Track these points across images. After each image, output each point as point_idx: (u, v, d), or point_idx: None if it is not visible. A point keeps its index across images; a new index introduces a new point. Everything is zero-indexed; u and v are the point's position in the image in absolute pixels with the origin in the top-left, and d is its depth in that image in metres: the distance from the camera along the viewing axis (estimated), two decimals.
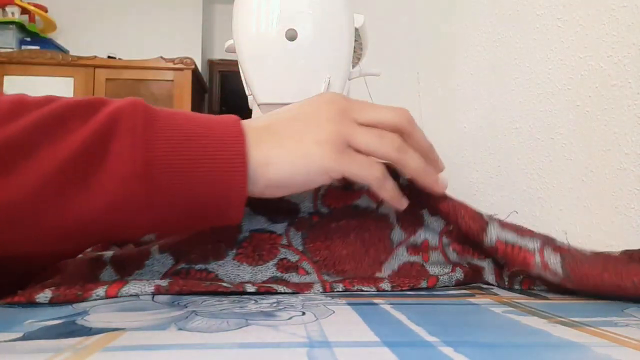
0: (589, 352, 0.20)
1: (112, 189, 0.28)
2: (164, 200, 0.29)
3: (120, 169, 0.28)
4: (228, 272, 0.36)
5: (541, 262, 0.32)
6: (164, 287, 0.31)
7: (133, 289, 0.31)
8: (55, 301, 0.29)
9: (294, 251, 0.37)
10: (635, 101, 0.46)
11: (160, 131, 0.30)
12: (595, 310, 0.29)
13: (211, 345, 0.20)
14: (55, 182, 0.27)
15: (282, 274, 0.36)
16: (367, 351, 0.19)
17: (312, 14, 0.44)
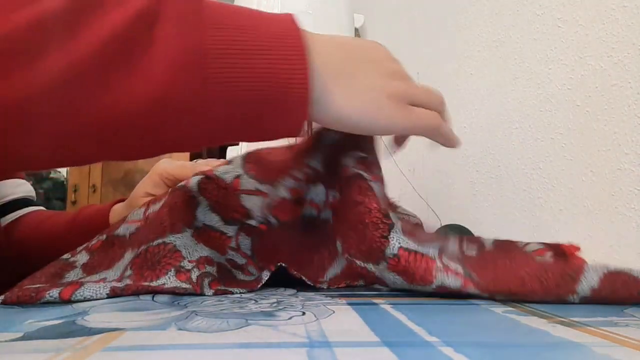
0: (589, 352, 0.20)
1: (158, 78, 0.25)
2: (216, 94, 0.26)
3: (166, 55, 0.25)
4: (187, 244, 0.36)
5: (443, 265, 0.31)
6: (120, 287, 0.31)
7: (88, 292, 0.31)
8: (8, 302, 0.29)
9: (241, 255, 0.38)
10: (635, 101, 0.46)
11: (210, 18, 0.27)
12: (595, 310, 0.29)
13: (211, 345, 0.20)
14: (94, 65, 0.24)
15: (231, 267, 0.37)
16: (367, 351, 0.19)
17: (312, 14, 0.44)
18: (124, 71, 0.25)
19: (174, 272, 0.34)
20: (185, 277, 0.33)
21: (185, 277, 0.34)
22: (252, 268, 0.38)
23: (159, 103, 0.25)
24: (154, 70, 0.25)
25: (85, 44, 0.24)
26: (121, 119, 0.25)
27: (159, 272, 0.34)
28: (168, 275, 0.33)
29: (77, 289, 0.31)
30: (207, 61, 0.26)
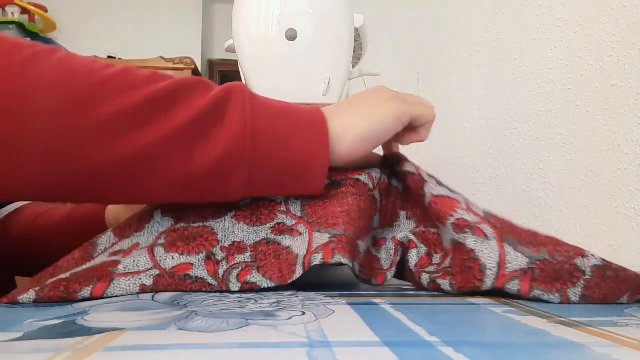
0: (589, 352, 0.20)
1: (225, 144, 0.33)
2: (260, 160, 0.34)
3: (233, 127, 0.33)
4: (224, 228, 0.36)
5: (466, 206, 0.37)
6: (149, 286, 0.32)
7: (118, 290, 0.31)
8: (38, 302, 0.29)
9: (291, 217, 0.38)
10: (635, 101, 0.46)
11: (262, 105, 0.36)
12: (595, 310, 0.29)
13: (211, 345, 0.20)
14: (184, 135, 0.32)
15: (275, 236, 0.37)
16: (367, 351, 0.19)
17: (312, 14, 0.44)
18: (204, 140, 0.33)
19: (204, 257, 0.34)
20: (213, 271, 0.34)
21: (213, 270, 0.34)
22: (301, 227, 0.37)
23: (221, 162, 0.33)
24: (223, 139, 0.33)
25: (181, 116, 0.32)
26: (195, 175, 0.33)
27: (191, 249, 0.34)
28: (199, 257, 0.34)
29: (107, 287, 0.31)
30: (257, 136, 0.34)
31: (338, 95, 0.45)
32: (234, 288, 0.34)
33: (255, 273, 0.34)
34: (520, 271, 0.32)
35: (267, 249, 0.36)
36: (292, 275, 0.34)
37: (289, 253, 0.35)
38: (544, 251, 0.32)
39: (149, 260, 0.33)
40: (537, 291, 0.31)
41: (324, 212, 0.38)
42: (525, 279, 0.31)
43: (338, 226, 0.35)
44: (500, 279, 0.32)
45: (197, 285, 0.33)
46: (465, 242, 0.34)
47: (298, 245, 0.35)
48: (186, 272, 0.33)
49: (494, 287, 0.32)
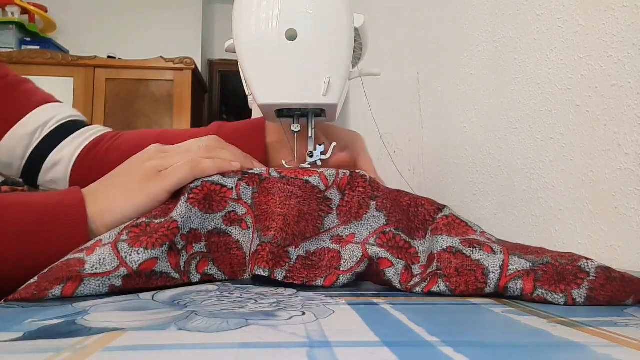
0: (589, 352, 0.20)
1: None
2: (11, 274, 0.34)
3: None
4: (182, 213, 0.37)
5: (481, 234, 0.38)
6: (118, 286, 0.32)
7: (88, 290, 0.32)
8: (10, 300, 0.30)
9: (242, 204, 0.40)
10: (635, 101, 0.46)
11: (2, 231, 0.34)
12: (595, 310, 0.29)
13: (211, 345, 0.20)
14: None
15: (226, 226, 0.39)
16: (367, 351, 0.19)
17: (312, 14, 0.44)
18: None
19: (167, 248, 0.35)
20: (175, 262, 0.35)
21: (175, 261, 0.35)
22: (249, 218, 0.39)
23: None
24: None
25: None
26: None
27: (154, 242, 0.35)
28: (162, 249, 0.34)
29: (77, 287, 0.31)
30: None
31: (338, 95, 0.45)
32: (195, 279, 0.36)
33: (211, 265, 0.37)
34: (522, 271, 0.32)
35: (219, 241, 0.38)
36: (243, 275, 0.38)
37: (239, 249, 0.39)
38: (547, 256, 0.33)
39: (114, 257, 0.33)
40: (540, 290, 0.31)
41: (267, 208, 0.39)
42: (528, 279, 0.32)
43: (269, 232, 0.37)
44: (503, 279, 0.32)
45: (162, 281, 0.34)
46: (472, 256, 0.34)
47: (246, 244, 0.39)
48: (152, 268, 0.34)
49: (497, 288, 0.32)
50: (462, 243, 0.35)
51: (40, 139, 0.57)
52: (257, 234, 0.38)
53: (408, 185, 0.81)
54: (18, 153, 0.57)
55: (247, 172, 0.41)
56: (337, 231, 0.40)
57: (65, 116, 0.60)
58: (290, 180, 0.40)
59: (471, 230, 0.39)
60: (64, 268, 0.32)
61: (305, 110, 0.47)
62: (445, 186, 0.82)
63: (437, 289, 0.33)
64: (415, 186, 0.94)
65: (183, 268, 0.35)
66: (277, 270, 0.36)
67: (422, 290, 0.34)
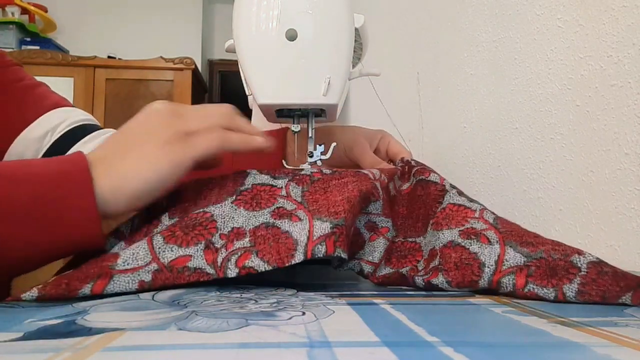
0: (589, 352, 0.20)
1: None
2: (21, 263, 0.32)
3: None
4: (224, 214, 0.36)
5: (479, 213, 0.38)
6: (147, 282, 0.32)
7: (117, 287, 0.31)
8: (40, 300, 0.29)
9: (291, 201, 0.38)
10: (635, 101, 0.46)
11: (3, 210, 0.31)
12: (595, 310, 0.29)
13: (211, 345, 0.20)
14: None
15: (274, 220, 0.36)
16: (367, 351, 0.19)
17: (312, 14, 0.44)
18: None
19: (203, 247, 0.34)
20: (211, 259, 0.34)
21: (211, 258, 0.34)
22: (301, 212, 0.37)
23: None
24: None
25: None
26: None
27: (189, 240, 0.34)
28: (197, 247, 0.34)
29: (107, 285, 0.31)
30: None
31: (338, 95, 0.45)
32: (232, 274, 0.33)
33: (254, 257, 0.34)
34: (516, 267, 0.33)
35: (266, 233, 0.36)
36: (291, 259, 0.34)
37: (288, 237, 0.35)
38: (541, 250, 0.33)
39: (147, 253, 0.33)
40: (531, 285, 0.32)
41: (325, 202, 0.38)
42: (521, 275, 0.32)
43: (339, 215, 0.36)
44: (497, 274, 0.33)
45: (195, 276, 0.33)
46: (470, 248, 0.35)
47: (298, 231, 0.35)
48: (185, 264, 0.33)
49: (490, 283, 0.33)
50: (461, 235, 0.37)
51: (51, 144, 0.56)
52: (322, 220, 0.36)
53: None
54: (28, 158, 0.56)
55: (298, 174, 0.40)
56: (374, 218, 0.42)
57: (76, 120, 0.58)
58: (342, 173, 0.41)
59: (470, 211, 0.39)
60: (97, 263, 0.32)
61: (305, 110, 0.48)
62: None
63: (436, 282, 0.35)
64: None
65: (220, 264, 0.34)
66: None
67: (423, 280, 0.36)
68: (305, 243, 0.34)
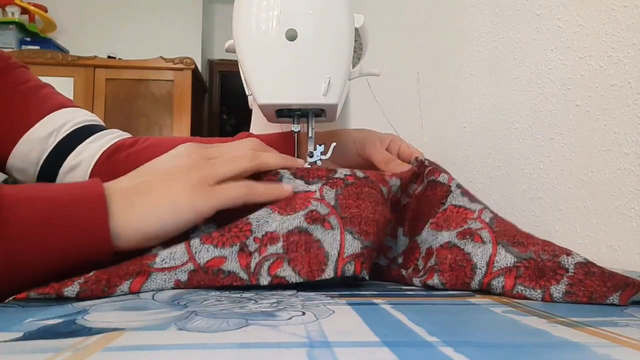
0: (589, 352, 0.20)
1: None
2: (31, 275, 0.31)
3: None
4: (259, 217, 0.37)
5: (478, 213, 0.39)
6: (183, 281, 0.33)
7: (154, 284, 0.32)
8: (82, 296, 0.30)
9: (325, 204, 0.38)
10: (635, 101, 0.46)
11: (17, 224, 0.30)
12: (595, 310, 0.29)
13: (211, 345, 0.20)
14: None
15: (308, 224, 0.37)
16: (367, 351, 0.19)
17: (312, 14, 0.44)
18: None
19: (237, 249, 0.35)
20: (245, 263, 0.34)
21: (245, 262, 0.34)
22: (333, 218, 0.37)
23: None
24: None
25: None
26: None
27: (225, 241, 0.35)
28: (232, 249, 0.34)
29: (145, 282, 0.32)
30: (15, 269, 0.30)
31: (338, 95, 0.45)
32: (264, 282, 0.34)
33: (286, 266, 0.35)
34: (505, 269, 0.34)
35: (299, 239, 0.36)
36: (321, 274, 0.35)
37: (319, 248, 0.36)
38: (531, 250, 0.34)
39: (185, 252, 0.34)
40: (519, 287, 0.32)
41: (358, 213, 0.38)
42: (510, 276, 0.33)
43: (369, 237, 0.37)
44: (487, 276, 0.34)
45: (229, 280, 0.34)
46: (464, 248, 0.36)
47: (329, 242, 0.36)
48: (219, 266, 0.34)
49: (481, 285, 0.34)
50: (458, 236, 0.37)
51: (56, 143, 0.56)
52: (353, 236, 0.36)
53: None
54: (33, 158, 0.56)
55: (331, 177, 0.40)
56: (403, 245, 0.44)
57: (81, 120, 0.58)
58: (374, 183, 0.41)
59: (469, 212, 0.39)
60: (137, 261, 0.33)
61: (305, 110, 0.48)
62: None
63: (432, 282, 0.36)
64: None
65: (253, 270, 0.34)
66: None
67: (420, 281, 0.37)
68: (336, 259, 0.35)
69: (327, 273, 0.34)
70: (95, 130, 0.59)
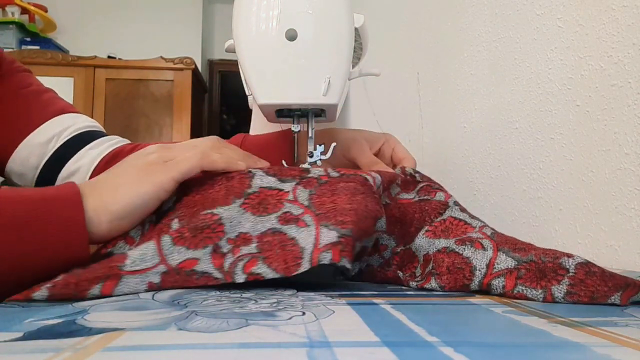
0: (589, 352, 0.20)
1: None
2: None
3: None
4: (232, 217, 0.36)
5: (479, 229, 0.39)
6: (156, 283, 0.32)
7: (127, 288, 0.31)
8: (52, 299, 0.29)
9: (298, 205, 0.38)
10: (635, 101, 0.46)
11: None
12: (595, 310, 0.29)
13: (211, 345, 0.20)
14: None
15: (281, 225, 0.36)
16: (367, 351, 0.19)
17: (312, 14, 0.44)
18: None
19: (210, 250, 0.34)
20: (218, 264, 0.34)
21: (219, 262, 0.34)
22: (307, 217, 0.37)
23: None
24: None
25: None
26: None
27: (197, 243, 0.34)
28: (205, 250, 0.34)
29: (116, 285, 0.31)
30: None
31: (338, 95, 0.45)
32: (239, 280, 0.34)
33: (261, 264, 0.34)
34: (506, 270, 0.34)
35: (273, 239, 0.36)
36: (297, 268, 0.34)
37: (295, 244, 0.35)
38: (531, 254, 0.34)
39: (156, 254, 0.33)
40: (520, 287, 0.32)
41: (333, 207, 0.37)
42: (511, 277, 0.33)
43: (347, 225, 0.35)
44: (487, 277, 0.34)
45: (203, 280, 0.33)
46: (463, 253, 0.36)
47: (304, 238, 0.35)
48: (192, 267, 0.33)
49: (481, 285, 0.34)
50: (457, 242, 0.37)
51: (56, 149, 0.56)
52: (329, 228, 0.35)
53: None
54: (32, 163, 0.56)
55: (305, 177, 0.40)
56: (378, 236, 0.42)
57: (81, 126, 0.58)
58: (350, 177, 0.40)
59: (470, 227, 0.39)
60: (105, 263, 0.32)
61: (305, 110, 0.47)
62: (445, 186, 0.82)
63: (429, 286, 0.36)
64: None
65: (227, 269, 0.34)
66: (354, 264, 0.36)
67: (417, 285, 0.37)
68: (311, 250, 0.34)
69: (303, 266, 0.34)
70: (95, 137, 0.59)
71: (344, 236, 0.35)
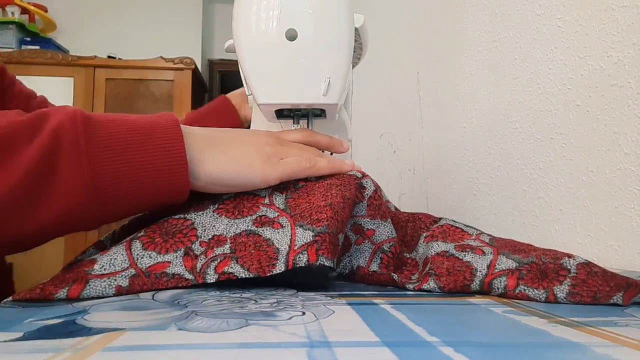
0: (589, 352, 0.20)
1: (62, 204, 0.31)
2: (111, 205, 0.33)
3: (68, 185, 0.31)
4: (204, 222, 0.36)
5: (475, 236, 0.39)
6: (125, 287, 0.32)
7: (94, 291, 0.31)
8: (17, 299, 0.29)
9: (274, 209, 0.38)
10: (635, 101, 0.46)
11: (102, 142, 0.32)
12: (595, 310, 0.29)
13: (211, 345, 0.20)
14: (8, 203, 0.29)
15: (256, 227, 0.36)
16: (367, 351, 0.19)
17: (312, 14, 0.44)
18: (34, 205, 0.30)
19: (182, 254, 0.34)
20: (190, 265, 0.34)
21: (190, 264, 0.34)
22: (284, 219, 0.37)
23: (63, 219, 0.31)
24: (58, 200, 0.31)
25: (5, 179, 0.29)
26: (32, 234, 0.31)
27: (169, 247, 0.34)
28: (176, 254, 0.34)
29: (83, 289, 0.31)
30: (101, 187, 0.32)
31: (338, 95, 0.45)
32: (210, 280, 0.33)
33: (234, 264, 0.34)
34: (507, 270, 0.34)
35: (247, 240, 0.36)
36: (272, 269, 0.34)
37: (269, 245, 0.35)
38: (532, 255, 0.34)
39: (125, 259, 0.33)
40: (522, 287, 0.32)
41: (308, 206, 0.38)
42: (512, 277, 0.33)
43: (322, 222, 0.35)
44: (489, 277, 0.34)
45: (173, 282, 0.33)
46: (464, 258, 0.36)
47: (279, 239, 0.35)
48: (163, 270, 0.33)
49: (482, 285, 0.34)
50: (456, 248, 0.37)
51: None
52: (304, 228, 0.35)
53: (409, 185, 0.82)
54: None
55: (281, 184, 0.40)
56: (360, 220, 0.41)
57: None
58: (327, 178, 0.41)
59: (467, 234, 0.40)
60: (74, 269, 0.32)
61: (305, 110, 0.48)
62: (445, 186, 0.82)
63: (427, 287, 0.35)
64: (415, 186, 0.94)
65: (199, 270, 0.34)
66: (334, 259, 0.35)
67: (414, 287, 0.36)
68: (286, 252, 0.34)
69: (278, 267, 0.34)
70: None
71: (320, 234, 0.35)
